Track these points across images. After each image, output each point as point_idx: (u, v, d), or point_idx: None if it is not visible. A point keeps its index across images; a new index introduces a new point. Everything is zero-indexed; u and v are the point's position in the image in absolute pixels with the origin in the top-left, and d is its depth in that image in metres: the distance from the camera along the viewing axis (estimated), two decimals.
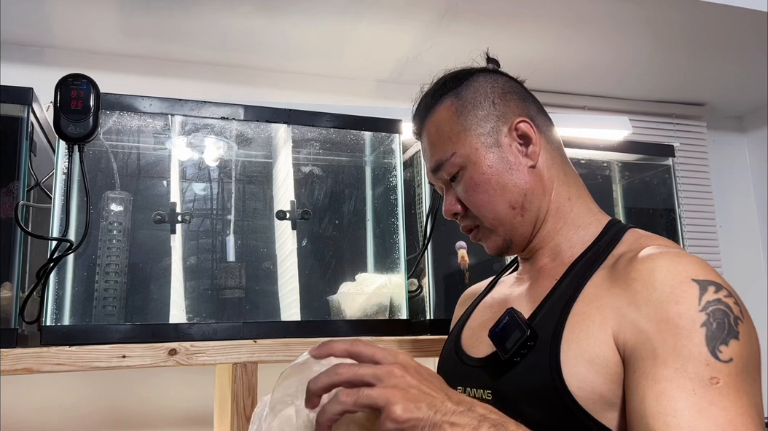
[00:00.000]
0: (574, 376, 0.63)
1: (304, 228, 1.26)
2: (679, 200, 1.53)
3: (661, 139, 2.09)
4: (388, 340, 1.13)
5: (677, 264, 0.62)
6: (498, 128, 0.79)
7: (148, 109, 1.12)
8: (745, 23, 1.61)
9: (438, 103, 0.83)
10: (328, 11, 1.46)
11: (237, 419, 1.00)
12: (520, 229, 0.79)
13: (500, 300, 0.83)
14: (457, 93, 0.82)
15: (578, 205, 0.79)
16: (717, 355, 0.56)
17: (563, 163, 0.81)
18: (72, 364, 0.94)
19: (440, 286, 1.28)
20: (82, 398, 1.42)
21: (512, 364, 0.69)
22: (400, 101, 1.86)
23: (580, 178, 0.83)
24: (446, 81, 0.84)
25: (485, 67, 0.86)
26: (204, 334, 1.06)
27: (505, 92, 0.81)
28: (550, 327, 0.68)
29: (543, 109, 0.84)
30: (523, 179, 0.77)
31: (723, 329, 0.57)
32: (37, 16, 1.44)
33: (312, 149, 1.33)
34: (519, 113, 0.79)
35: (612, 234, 0.75)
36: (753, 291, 2.14)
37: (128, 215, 1.14)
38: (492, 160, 0.78)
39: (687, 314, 0.58)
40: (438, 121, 0.82)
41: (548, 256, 0.79)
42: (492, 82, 0.81)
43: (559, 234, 0.78)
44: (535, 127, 0.79)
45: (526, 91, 0.84)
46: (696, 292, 0.59)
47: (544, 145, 0.79)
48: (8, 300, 0.99)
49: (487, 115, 0.79)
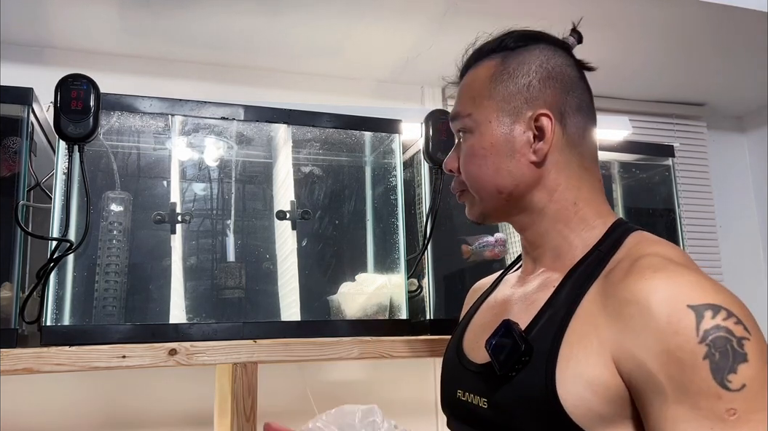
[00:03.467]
0: (570, 395, 0.62)
1: (304, 229, 1.26)
2: (679, 200, 1.53)
3: (661, 139, 2.08)
4: (388, 340, 1.13)
5: (672, 287, 0.59)
6: (520, 111, 0.74)
7: (148, 109, 1.12)
8: (745, 23, 1.61)
9: (485, 57, 0.79)
10: (328, 11, 1.46)
11: (237, 419, 1.00)
12: (500, 209, 0.78)
13: (502, 301, 0.82)
14: (506, 57, 0.77)
15: (585, 209, 0.75)
16: (727, 386, 0.54)
17: (581, 167, 0.76)
18: (72, 364, 0.94)
19: (440, 286, 1.28)
20: (82, 398, 1.42)
21: (508, 377, 0.68)
22: (400, 101, 1.87)
23: (600, 183, 0.78)
24: (506, 39, 0.79)
25: (559, 40, 0.80)
26: (204, 334, 1.06)
27: (549, 77, 0.75)
28: (547, 342, 0.66)
29: (587, 108, 0.77)
30: (520, 171, 0.74)
31: (727, 357, 0.55)
32: (37, 16, 1.44)
33: (312, 149, 1.33)
34: (549, 104, 0.74)
35: (615, 236, 0.72)
36: (753, 291, 2.14)
37: (128, 215, 1.14)
38: (498, 139, 0.75)
39: (687, 347, 0.56)
40: (475, 76, 0.80)
41: (549, 257, 0.77)
42: (544, 61, 0.76)
43: (560, 235, 0.75)
44: (562, 125, 0.74)
45: (580, 83, 0.77)
46: (692, 321, 0.56)
47: (561, 146, 0.74)
48: (8, 300, 0.99)
49: (517, 93, 0.75)
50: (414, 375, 1.69)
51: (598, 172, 0.78)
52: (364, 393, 1.61)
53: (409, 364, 1.66)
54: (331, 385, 1.59)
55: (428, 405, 1.67)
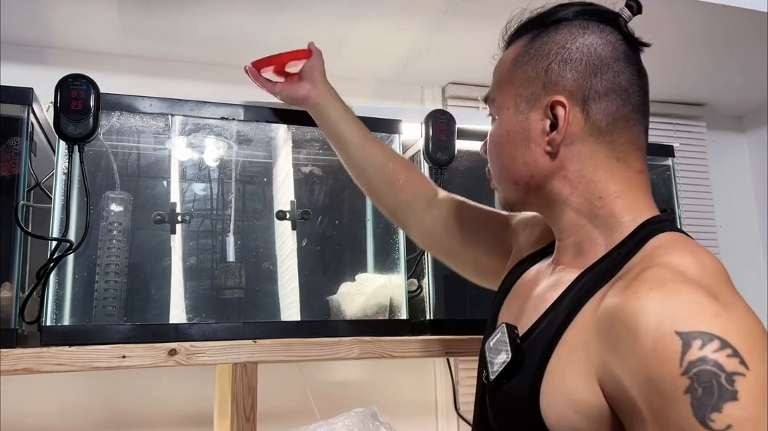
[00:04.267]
0: (553, 412, 0.60)
1: (304, 229, 1.26)
2: (679, 200, 1.53)
3: (661, 139, 2.08)
4: (388, 340, 1.13)
5: (665, 309, 0.53)
6: (538, 97, 0.69)
7: (148, 109, 1.12)
8: (745, 23, 1.61)
9: (516, 38, 0.74)
10: (328, 11, 1.46)
11: (237, 419, 1.00)
12: (521, 200, 0.74)
13: (526, 291, 0.77)
14: (534, 37, 0.71)
15: (613, 204, 0.68)
16: (709, 425, 0.48)
17: (611, 158, 0.68)
18: (72, 364, 0.94)
19: (440, 286, 1.28)
20: (82, 398, 1.42)
21: (498, 384, 0.66)
22: (400, 101, 1.86)
23: (641, 175, 0.70)
24: (537, 17, 0.73)
25: (609, 12, 0.71)
26: (204, 334, 1.06)
27: (573, 59, 0.68)
28: (539, 351, 0.63)
29: (624, 91, 0.68)
30: (534, 161, 0.70)
31: (711, 394, 0.49)
32: (37, 16, 1.44)
33: (312, 149, 1.33)
34: (569, 90, 0.67)
35: (640, 237, 0.65)
36: (753, 291, 2.14)
37: (128, 215, 1.14)
38: (514, 126, 0.71)
39: (668, 377, 0.50)
40: (503, 59, 0.75)
41: (570, 253, 0.71)
42: (569, 40, 0.69)
43: (583, 230, 0.69)
44: (584, 112, 0.67)
45: (616, 63, 0.68)
46: (677, 350, 0.51)
47: (583, 135, 0.68)
48: (8, 300, 0.99)
49: (536, 77, 0.69)
50: (414, 375, 1.69)
51: (637, 163, 0.70)
52: (364, 394, 1.61)
53: (409, 364, 1.66)
54: (331, 385, 1.59)
55: (428, 405, 1.67)
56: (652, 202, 0.70)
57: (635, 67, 0.70)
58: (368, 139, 1.07)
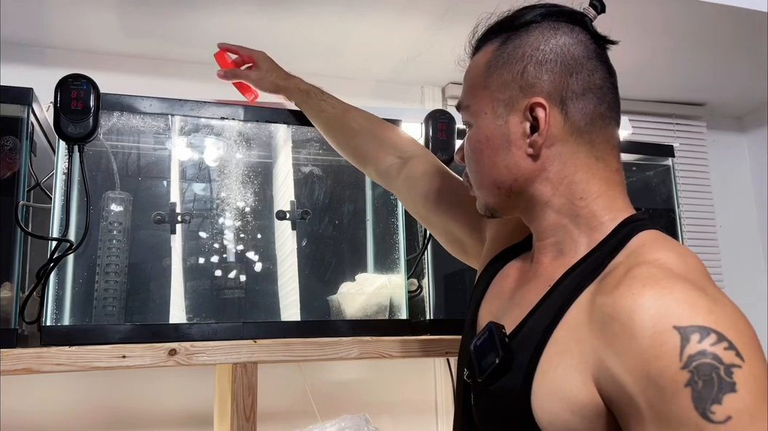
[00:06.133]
0: (545, 412, 0.59)
1: (303, 229, 1.26)
2: (678, 200, 1.53)
3: (661, 139, 2.08)
4: (388, 340, 1.13)
5: (660, 305, 0.54)
6: (515, 100, 0.69)
7: (148, 109, 1.12)
8: (745, 23, 1.61)
9: (484, 44, 0.74)
10: (328, 11, 1.46)
11: (237, 419, 1.00)
12: (504, 205, 0.73)
13: (506, 291, 0.77)
14: (505, 40, 0.71)
15: (594, 203, 0.68)
16: (710, 417, 0.49)
17: (590, 157, 0.69)
18: (72, 364, 0.94)
19: (440, 286, 1.28)
20: (82, 398, 1.42)
21: (487, 383, 0.66)
22: (400, 101, 1.86)
23: (618, 174, 0.71)
24: (505, 21, 0.73)
25: (574, 12, 0.72)
26: (204, 334, 1.06)
27: (548, 60, 0.68)
28: (529, 351, 0.63)
29: (599, 89, 0.69)
30: (516, 165, 0.69)
31: (711, 386, 0.49)
32: (37, 16, 1.44)
33: (312, 149, 1.33)
34: (547, 91, 0.67)
35: (621, 235, 0.65)
36: (753, 291, 2.14)
37: (128, 215, 1.14)
38: (493, 132, 0.70)
39: (668, 372, 0.51)
40: (473, 64, 0.75)
41: (551, 252, 0.71)
42: (541, 41, 0.69)
43: (564, 230, 0.70)
44: (562, 113, 0.67)
45: (589, 62, 0.69)
46: (676, 344, 0.51)
47: (563, 136, 0.68)
48: (8, 300, 0.99)
49: (511, 81, 0.69)
50: (414, 375, 1.69)
51: (614, 162, 0.71)
52: (364, 394, 1.61)
53: (410, 364, 1.66)
54: (331, 385, 1.59)
55: (428, 405, 1.67)
56: (628, 200, 0.71)
57: (605, 65, 0.71)
58: (348, 108, 1.12)
